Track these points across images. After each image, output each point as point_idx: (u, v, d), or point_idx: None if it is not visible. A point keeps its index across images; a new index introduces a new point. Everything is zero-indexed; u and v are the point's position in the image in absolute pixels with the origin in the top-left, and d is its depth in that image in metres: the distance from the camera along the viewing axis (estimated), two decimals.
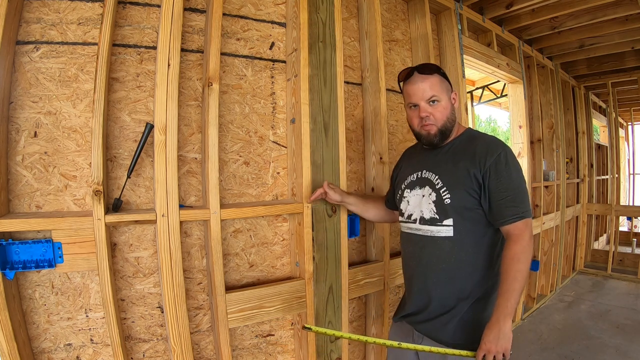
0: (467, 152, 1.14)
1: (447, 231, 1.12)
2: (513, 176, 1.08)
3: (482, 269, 1.13)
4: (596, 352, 2.53)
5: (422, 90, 1.14)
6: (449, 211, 1.11)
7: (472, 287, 1.13)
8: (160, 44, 1.21)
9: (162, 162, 1.19)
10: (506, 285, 1.03)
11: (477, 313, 1.13)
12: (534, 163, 3.44)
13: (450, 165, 1.15)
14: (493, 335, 1.00)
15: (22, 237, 1.11)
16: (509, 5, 2.56)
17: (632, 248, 4.96)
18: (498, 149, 1.10)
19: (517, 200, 1.07)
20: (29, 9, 1.15)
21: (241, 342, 1.50)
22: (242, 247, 1.49)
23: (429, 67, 1.18)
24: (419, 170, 1.24)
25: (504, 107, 6.10)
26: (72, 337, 1.19)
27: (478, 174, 1.09)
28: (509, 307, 1.01)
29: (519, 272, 1.02)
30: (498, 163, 1.08)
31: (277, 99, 1.59)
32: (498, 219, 1.08)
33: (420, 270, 1.19)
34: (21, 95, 1.14)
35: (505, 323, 1.00)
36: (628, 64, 3.85)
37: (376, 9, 1.83)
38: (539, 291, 3.60)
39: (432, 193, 1.16)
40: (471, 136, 1.20)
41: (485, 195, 1.09)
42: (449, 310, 1.13)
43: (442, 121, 1.15)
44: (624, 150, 6.91)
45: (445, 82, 1.19)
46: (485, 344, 1.01)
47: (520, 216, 1.06)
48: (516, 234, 1.06)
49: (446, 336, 1.13)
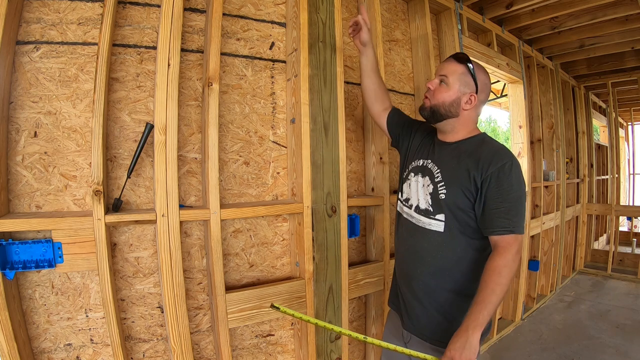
0: (472, 154, 1.13)
1: (438, 226, 1.13)
2: (514, 189, 1.05)
3: (467, 273, 1.11)
4: (596, 352, 2.53)
5: (442, 69, 1.21)
6: (442, 206, 1.12)
7: (454, 287, 1.12)
8: (160, 44, 1.21)
9: (162, 162, 1.20)
10: (482, 296, 0.99)
11: (453, 314, 1.13)
12: (534, 163, 3.44)
13: (453, 162, 1.15)
14: (459, 344, 0.96)
15: (22, 237, 1.11)
16: (509, 5, 2.56)
17: (632, 248, 4.96)
18: (504, 159, 1.08)
19: (511, 214, 1.04)
20: (29, 9, 1.15)
21: (241, 342, 1.50)
22: (242, 247, 1.49)
23: (462, 56, 1.19)
24: (425, 158, 1.24)
25: (504, 107, 6.11)
26: (72, 337, 1.19)
27: (478, 177, 1.07)
28: (481, 319, 0.97)
29: (498, 285, 0.98)
30: (501, 172, 1.05)
31: (277, 99, 1.59)
32: (488, 227, 1.06)
33: (408, 257, 1.22)
34: (21, 95, 1.14)
35: (473, 333, 0.96)
36: (628, 64, 3.84)
37: (376, 9, 1.83)
38: (539, 291, 3.60)
39: (429, 185, 1.17)
40: (482, 141, 1.18)
41: (480, 200, 1.07)
42: (433, 307, 1.15)
43: (438, 101, 1.18)
44: (624, 150, 6.91)
45: (468, 76, 1.17)
46: (450, 352, 0.98)
47: (510, 230, 1.03)
48: (502, 246, 1.03)
49: (427, 331, 1.16)
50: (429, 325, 1.16)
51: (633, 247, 4.98)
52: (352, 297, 1.73)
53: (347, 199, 1.63)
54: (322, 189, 1.54)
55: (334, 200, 1.58)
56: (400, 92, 2.10)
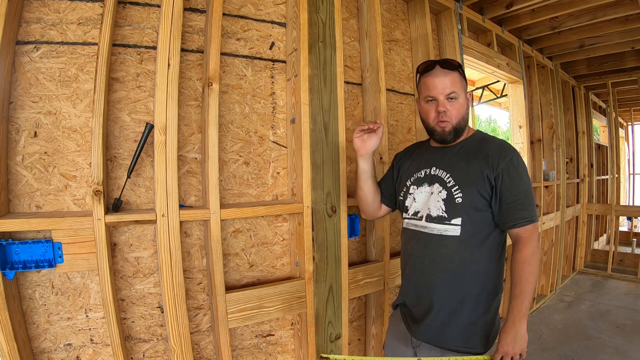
0: (479, 153, 1.14)
1: (455, 230, 1.11)
2: (524, 180, 1.09)
3: (484, 272, 1.13)
4: (596, 352, 2.53)
5: (443, 85, 1.13)
6: (459, 210, 1.11)
7: (474, 289, 1.12)
8: (160, 44, 1.21)
9: (162, 162, 1.19)
10: (519, 288, 1.05)
11: (478, 316, 1.12)
12: (534, 163, 3.44)
13: (462, 164, 1.14)
14: (510, 338, 1.03)
15: (22, 237, 1.11)
16: (509, 5, 2.56)
17: (632, 248, 4.96)
18: (510, 153, 1.11)
19: (526, 204, 1.08)
20: (29, 9, 1.15)
21: (241, 342, 1.50)
22: (242, 247, 1.49)
23: (451, 62, 1.16)
24: (427, 168, 1.22)
25: (504, 107, 6.11)
26: (72, 337, 1.19)
27: (491, 175, 1.09)
28: (524, 309, 1.03)
29: (531, 274, 1.05)
30: (511, 166, 1.08)
31: (277, 99, 1.59)
32: (509, 221, 1.09)
33: (423, 268, 1.17)
34: (21, 95, 1.14)
35: (521, 325, 1.03)
36: (628, 64, 3.84)
37: (376, 9, 1.83)
38: (539, 291, 3.60)
39: (442, 191, 1.14)
40: (482, 138, 1.20)
41: (496, 197, 1.09)
42: (449, 312, 1.12)
43: (458, 119, 1.15)
44: (624, 150, 6.91)
45: (463, 80, 1.18)
46: (503, 347, 1.04)
47: (529, 220, 1.07)
48: (526, 236, 1.07)
49: (445, 341, 1.13)
50: (446, 331, 1.13)
51: (633, 247, 4.98)
52: (352, 297, 1.73)
53: (347, 199, 1.63)
54: (322, 189, 1.54)
55: (334, 200, 1.58)
56: (400, 92, 2.10)
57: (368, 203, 1.38)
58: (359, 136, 1.29)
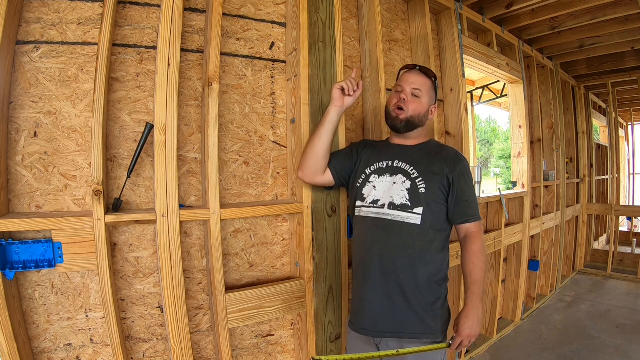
0: (438, 155, 1.30)
1: (416, 219, 1.21)
2: (470, 185, 1.28)
3: (439, 261, 1.25)
4: (596, 352, 2.53)
5: (413, 81, 1.31)
6: (421, 200, 1.21)
7: (431, 275, 1.21)
8: (160, 44, 1.21)
9: (162, 162, 1.19)
10: (475, 276, 1.20)
11: (434, 301, 1.21)
12: (534, 163, 3.44)
13: (425, 161, 1.28)
14: (471, 322, 1.16)
15: (22, 237, 1.11)
16: (509, 5, 2.56)
17: (632, 248, 4.96)
18: (464, 160, 1.30)
19: (474, 205, 1.27)
20: (29, 9, 1.15)
21: (241, 342, 1.50)
22: (242, 247, 1.49)
23: (429, 71, 1.34)
24: (388, 160, 1.31)
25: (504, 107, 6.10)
26: (72, 337, 1.19)
27: (450, 174, 1.24)
28: (481, 294, 1.19)
29: (484, 263, 1.22)
30: (464, 171, 1.27)
31: (277, 99, 1.59)
32: (462, 216, 1.25)
33: (387, 252, 1.21)
34: (21, 95, 1.14)
35: (480, 308, 1.17)
36: (628, 64, 3.84)
37: (376, 9, 1.83)
38: (539, 291, 3.60)
39: (405, 181, 1.24)
40: (439, 144, 1.40)
41: (453, 193, 1.24)
42: (410, 297, 1.19)
43: (414, 113, 1.29)
44: (624, 150, 6.91)
45: (433, 91, 1.35)
46: (465, 331, 1.16)
47: (477, 217, 1.26)
48: (476, 231, 1.25)
49: (407, 329, 1.19)
50: (409, 319, 1.19)
51: (633, 247, 4.98)
52: None
53: (347, 199, 1.63)
54: (322, 189, 1.54)
55: (334, 200, 1.58)
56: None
57: (318, 157, 1.33)
58: (339, 88, 1.33)
